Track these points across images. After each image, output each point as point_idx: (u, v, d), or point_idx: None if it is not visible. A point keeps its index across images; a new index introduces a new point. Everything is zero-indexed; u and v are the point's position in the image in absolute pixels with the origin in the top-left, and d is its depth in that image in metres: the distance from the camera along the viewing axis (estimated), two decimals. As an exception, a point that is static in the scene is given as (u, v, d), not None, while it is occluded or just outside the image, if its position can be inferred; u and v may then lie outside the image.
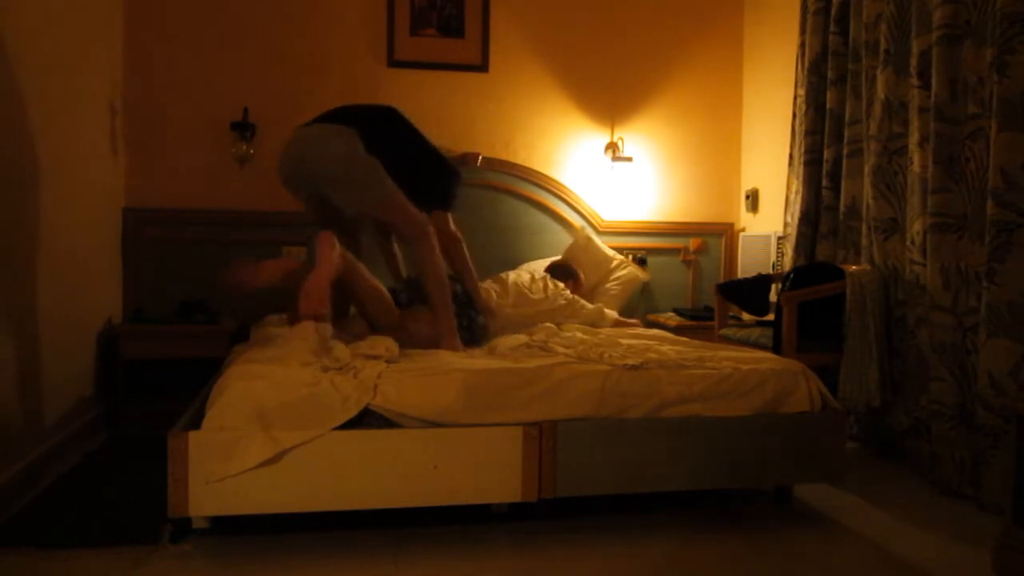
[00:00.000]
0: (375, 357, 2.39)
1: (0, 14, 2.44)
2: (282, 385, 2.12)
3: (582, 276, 3.97)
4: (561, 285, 3.73)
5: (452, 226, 3.16)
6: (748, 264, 4.27)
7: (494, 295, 3.48)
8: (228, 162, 4.00)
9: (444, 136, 3.17)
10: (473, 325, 3.02)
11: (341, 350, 2.40)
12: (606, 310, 3.71)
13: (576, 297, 3.70)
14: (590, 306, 3.69)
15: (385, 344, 2.53)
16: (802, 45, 3.81)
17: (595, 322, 3.57)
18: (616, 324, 3.64)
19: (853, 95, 3.41)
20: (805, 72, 3.74)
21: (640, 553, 2.19)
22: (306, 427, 2.07)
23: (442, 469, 2.15)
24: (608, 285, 4.14)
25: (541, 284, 3.69)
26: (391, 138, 2.91)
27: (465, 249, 3.19)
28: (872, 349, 3.04)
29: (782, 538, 2.32)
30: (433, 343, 2.78)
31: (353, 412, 2.11)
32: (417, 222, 2.87)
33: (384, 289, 2.84)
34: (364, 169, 2.77)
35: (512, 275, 3.74)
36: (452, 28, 4.25)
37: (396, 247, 3.41)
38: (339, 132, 2.81)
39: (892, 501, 2.66)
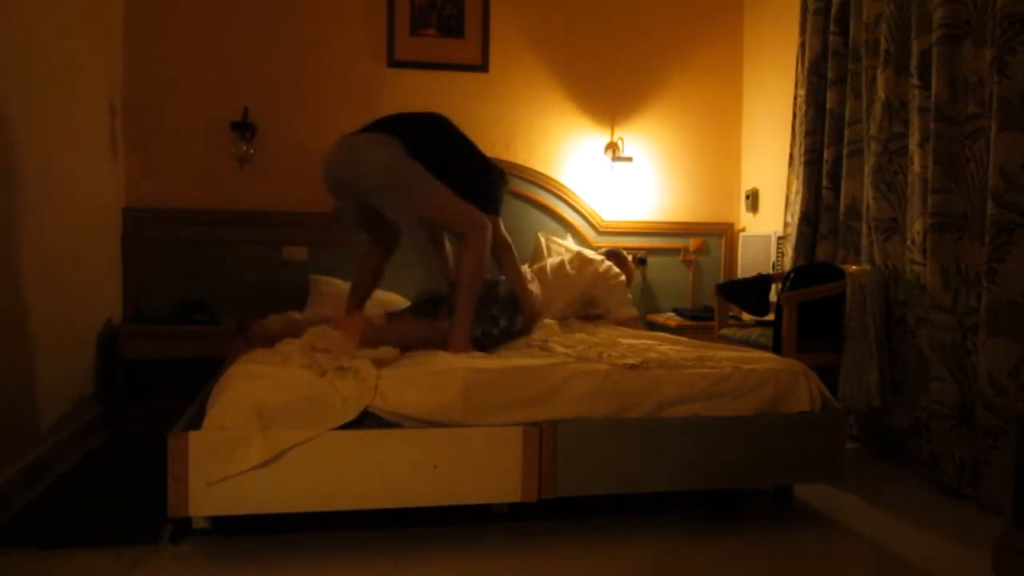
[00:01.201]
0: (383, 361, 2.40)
1: (0, 14, 2.44)
2: (282, 385, 2.12)
3: (629, 262, 4.01)
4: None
5: (503, 230, 3.14)
6: (748, 264, 4.27)
7: (539, 293, 3.47)
8: (228, 162, 4.00)
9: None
10: (512, 328, 2.99)
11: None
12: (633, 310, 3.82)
13: (618, 272, 3.78)
14: (630, 307, 3.76)
15: (390, 350, 2.52)
16: (802, 45, 3.81)
17: (623, 320, 3.64)
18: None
19: (853, 95, 3.41)
20: (805, 72, 3.74)
21: (640, 553, 2.19)
22: (306, 427, 2.07)
23: (442, 469, 2.15)
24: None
25: (578, 260, 3.80)
26: (433, 142, 2.90)
27: (515, 254, 3.18)
28: (872, 349, 3.04)
29: (782, 538, 2.32)
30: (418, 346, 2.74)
31: (353, 414, 2.11)
32: (469, 216, 2.83)
33: (414, 328, 2.82)
34: (405, 174, 2.76)
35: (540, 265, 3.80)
36: (452, 28, 4.25)
37: (447, 249, 3.32)
38: (379, 140, 2.81)
39: (892, 501, 2.66)
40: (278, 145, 4.06)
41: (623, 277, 3.79)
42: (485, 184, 3.06)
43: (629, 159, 4.43)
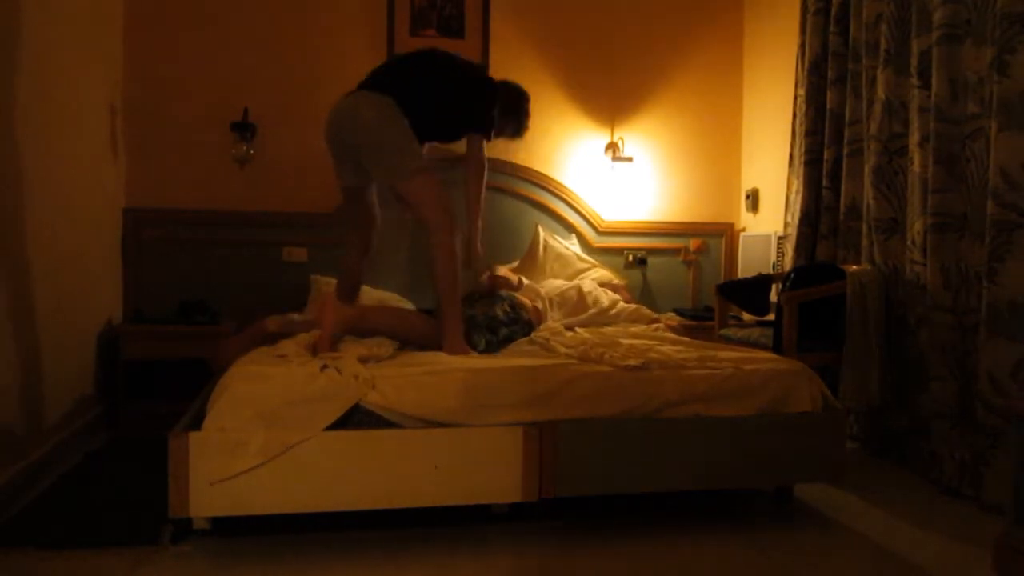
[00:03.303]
0: (376, 357, 2.40)
1: (0, 15, 2.44)
2: (282, 385, 2.12)
3: (622, 289, 4.10)
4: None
5: (483, 152, 3.23)
6: (748, 264, 4.27)
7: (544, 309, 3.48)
8: (228, 162, 4.00)
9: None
10: (513, 337, 3.00)
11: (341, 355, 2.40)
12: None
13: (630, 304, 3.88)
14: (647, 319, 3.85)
15: (384, 344, 2.53)
16: (802, 45, 3.80)
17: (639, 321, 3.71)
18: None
19: (853, 95, 3.41)
20: (805, 72, 3.74)
21: (640, 553, 2.19)
22: (307, 426, 2.07)
23: (442, 469, 2.15)
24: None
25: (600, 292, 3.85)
26: (426, 86, 2.99)
27: (485, 176, 3.27)
28: (872, 349, 3.04)
29: (782, 538, 2.32)
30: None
31: (354, 400, 2.11)
32: (440, 214, 2.85)
33: (407, 314, 2.81)
34: (394, 135, 2.87)
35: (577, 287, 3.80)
36: (452, 28, 4.25)
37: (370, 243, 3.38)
38: (373, 101, 2.92)
39: (892, 501, 2.66)
40: (278, 145, 4.05)
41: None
42: (482, 104, 3.15)
43: (629, 159, 4.43)
